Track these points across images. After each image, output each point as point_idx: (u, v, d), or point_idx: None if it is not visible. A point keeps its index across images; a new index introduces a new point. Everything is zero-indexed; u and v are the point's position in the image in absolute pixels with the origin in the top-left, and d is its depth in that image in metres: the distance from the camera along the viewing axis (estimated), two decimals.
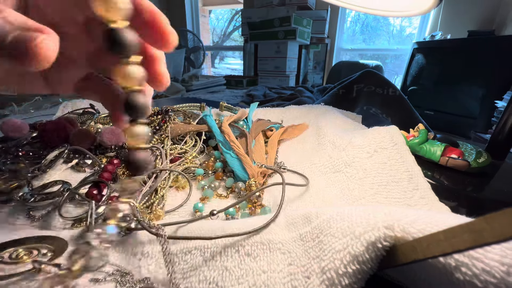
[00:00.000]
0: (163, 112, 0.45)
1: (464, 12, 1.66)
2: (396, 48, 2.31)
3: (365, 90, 0.66)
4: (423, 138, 0.40)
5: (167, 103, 0.67)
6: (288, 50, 1.72)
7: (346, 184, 0.32)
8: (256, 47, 1.86)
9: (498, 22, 1.53)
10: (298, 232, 0.20)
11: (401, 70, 1.75)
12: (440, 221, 0.14)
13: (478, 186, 0.35)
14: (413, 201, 0.28)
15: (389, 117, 0.62)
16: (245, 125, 0.48)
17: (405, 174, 0.30)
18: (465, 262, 0.12)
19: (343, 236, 0.16)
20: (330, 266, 0.16)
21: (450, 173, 0.37)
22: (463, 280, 0.12)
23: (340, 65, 1.88)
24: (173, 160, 0.37)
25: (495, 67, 1.08)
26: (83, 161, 0.37)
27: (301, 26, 1.69)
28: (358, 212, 0.17)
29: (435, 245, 0.11)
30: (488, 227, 0.09)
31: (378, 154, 0.33)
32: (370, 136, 0.36)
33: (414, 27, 2.20)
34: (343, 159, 0.35)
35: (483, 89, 1.12)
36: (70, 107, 0.54)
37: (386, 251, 0.14)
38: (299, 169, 0.37)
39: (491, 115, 1.05)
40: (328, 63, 2.16)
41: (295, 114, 0.57)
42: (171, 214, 0.29)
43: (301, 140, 0.46)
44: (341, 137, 0.39)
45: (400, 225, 0.14)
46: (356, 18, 2.44)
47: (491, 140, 0.43)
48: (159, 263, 0.21)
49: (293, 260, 0.18)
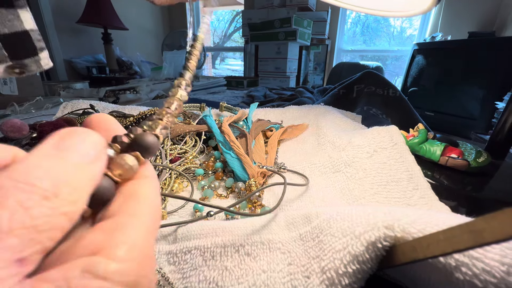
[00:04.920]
0: None
1: (464, 14, 1.67)
2: (397, 49, 2.31)
3: (365, 90, 0.66)
4: (422, 138, 0.40)
5: None
6: (288, 51, 1.72)
7: (346, 184, 0.32)
8: (257, 48, 1.86)
9: (499, 24, 1.53)
10: (298, 232, 0.20)
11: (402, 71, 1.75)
12: (440, 221, 0.14)
13: (477, 186, 0.35)
14: (413, 201, 0.28)
15: (389, 117, 0.62)
16: (245, 126, 0.48)
17: (405, 174, 0.30)
18: (465, 262, 0.12)
19: (343, 235, 0.16)
20: (330, 266, 0.16)
21: (450, 173, 0.37)
22: (463, 280, 0.12)
23: (340, 66, 1.88)
24: (173, 160, 0.37)
25: (496, 68, 1.08)
26: None
27: (302, 27, 1.69)
28: (358, 212, 0.17)
29: (435, 245, 0.11)
30: (488, 226, 0.09)
31: (378, 154, 0.33)
32: (369, 136, 0.36)
33: (415, 28, 2.20)
34: (343, 159, 0.35)
35: (484, 90, 1.12)
36: (70, 108, 0.54)
37: (386, 251, 0.14)
38: (299, 169, 0.37)
39: (491, 116, 1.05)
40: (328, 64, 2.16)
41: (295, 115, 0.57)
42: (172, 215, 0.29)
43: (301, 140, 0.46)
44: (341, 137, 0.39)
45: (400, 225, 0.14)
46: (357, 19, 2.44)
47: (490, 139, 0.43)
48: None
49: (293, 259, 0.18)
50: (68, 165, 0.09)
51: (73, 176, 0.09)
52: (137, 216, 0.10)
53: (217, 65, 3.35)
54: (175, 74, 1.89)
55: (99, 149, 0.10)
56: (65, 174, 0.09)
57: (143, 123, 0.13)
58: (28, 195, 0.08)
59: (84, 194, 0.09)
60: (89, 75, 1.96)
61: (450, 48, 1.29)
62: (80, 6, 1.83)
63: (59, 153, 0.09)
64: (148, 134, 0.12)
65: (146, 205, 0.10)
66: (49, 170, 0.08)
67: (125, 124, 0.45)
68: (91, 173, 0.09)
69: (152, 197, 0.11)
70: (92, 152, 0.10)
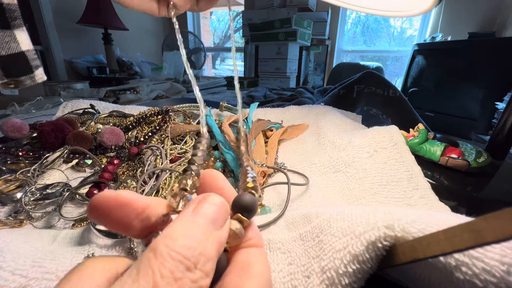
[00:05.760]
0: (163, 112, 0.45)
1: (464, 14, 1.67)
2: (397, 49, 2.31)
3: (365, 91, 0.66)
4: (423, 138, 0.40)
5: (168, 104, 0.68)
6: (288, 51, 1.72)
7: (346, 184, 0.32)
8: (257, 49, 1.86)
9: (499, 24, 1.53)
10: (298, 232, 0.20)
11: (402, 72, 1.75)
12: (440, 220, 0.14)
13: (478, 186, 0.35)
14: (413, 201, 0.28)
15: (389, 117, 0.62)
16: (245, 125, 0.48)
17: (405, 174, 0.30)
18: (465, 261, 0.12)
19: (343, 235, 0.16)
20: (330, 266, 0.16)
21: (450, 173, 0.37)
22: (463, 279, 0.12)
23: (340, 66, 1.88)
24: (173, 160, 0.37)
25: (496, 68, 1.08)
26: (83, 161, 0.37)
27: (302, 27, 1.70)
28: (358, 211, 0.17)
29: (435, 245, 0.11)
30: (488, 226, 0.09)
31: (378, 154, 0.33)
32: (370, 136, 0.36)
33: (415, 29, 2.20)
34: (343, 159, 0.35)
35: (484, 91, 1.12)
36: (70, 108, 0.54)
37: (386, 250, 0.14)
38: (299, 169, 0.37)
39: (491, 117, 1.05)
40: (328, 65, 2.16)
41: (295, 114, 0.57)
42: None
43: (301, 140, 0.46)
44: (341, 137, 0.39)
45: (400, 224, 0.14)
46: (357, 20, 2.45)
47: (490, 140, 0.43)
48: None
49: (293, 259, 0.18)
50: (203, 232, 0.09)
51: (207, 244, 0.09)
52: None
53: (217, 66, 3.35)
54: (175, 74, 1.89)
55: (226, 216, 0.10)
56: (201, 242, 0.08)
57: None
58: (176, 264, 0.08)
59: (214, 265, 0.09)
60: (90, 76, 1.96)
61: (450, 48, 1.29)
62: (80, 7, 1.84)
63: (196, 219, 0.09)
64: (245, 194, 0.12)
65: (260, 283, 0.10)
66: (190, 238, 0.08)
67: (126, 124, 0.45)
68: (219, 241, 0.09)
69: (264, 273, 0.10)
70: (221, 219, 0.10)
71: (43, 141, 0.37)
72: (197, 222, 0.09)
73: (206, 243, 0.09)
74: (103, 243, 0.22)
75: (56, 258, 0.19)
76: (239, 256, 0.11)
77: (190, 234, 0.09)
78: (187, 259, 0.08)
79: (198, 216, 0.09)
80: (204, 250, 0.08)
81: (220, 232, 0.09)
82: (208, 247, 0.09)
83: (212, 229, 0.09)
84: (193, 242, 0.08)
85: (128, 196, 0.10)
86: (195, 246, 0.08)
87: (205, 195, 0.10)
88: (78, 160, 0.37)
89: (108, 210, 0.10)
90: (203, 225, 0.09)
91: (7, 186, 0.29)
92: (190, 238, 0.08)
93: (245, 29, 1.93)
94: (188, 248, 0.08)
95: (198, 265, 0.08)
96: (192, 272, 0.08)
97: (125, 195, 0.10)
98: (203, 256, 0.08)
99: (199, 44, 2.38)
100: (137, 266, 0.08)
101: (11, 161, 0.35)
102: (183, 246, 0.08)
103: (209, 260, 0.08)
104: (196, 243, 0.08)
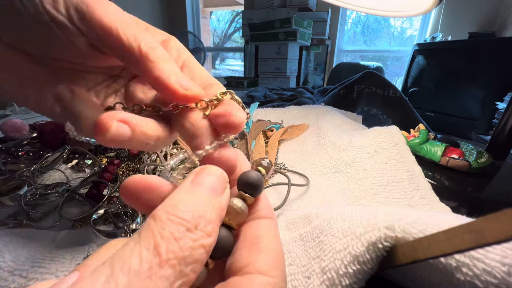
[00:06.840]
0: None
1: (464, 14, 1.66)
2: (397, 49, 2.31)
3: (365, 91, 0.66)
4: (423, 138, 0.40)
5: None
6: (288, 51, 1.72)
7: (347, 184, 0.32)
8: (257, 49, 1.86)
9: (499, 24, 1.53)
10: (298, 232, 0.20)
11: (402, 72, 1.75)
12: (441, 221, 0.14)
13: (478, 186, 0.34)
14: (414, 201, 0.27)
15: (390, 117, 0.62)
16: (245, 126, 0.48)
17: (405, 174, 0.30)
18: (466, 262, 0.12)
19: (343, 236, 0.16)
20: (330, 266, 0.16)
21: (450, 173, 0.36)
22: (464, 280, 0.12)
23: (340, 66, 1.88)
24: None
25: (496, 68, 1.08)
26: (83, 161, 0.37)
27: (302, 27, 1.69)
28: (359, 212, 0.17)
29: (436, 246, 0.11)
30: (489, 227, 0.09)
31: (378, 154, 0.33)
32: (370, 136, 0.36)
33: (415, 28, 2.20)
34: (344, 160, 0.35)
35: (484, 91, 1.11)
36: None
37: (386, 251, 0.14)
38: (299, 169, 0.37)
39: (492, 117, 1.05)
40: (328, 65, 2.16)
41: (295, 115, 0.57)
42: None
43: (301, 141, 0.46)
44: (342, 138, 0.39)
45: (401, 225, 0.14)
46: (357, 20, 2.44)
47: (491, 140, 0.43)
48: None
49: (293, 260, 0.18)
50: (202, 199, 0.09)
51: (206, 209, 0.09)
52: (266, 273, 0.10)
53: (217, 66, 3.35)
54: None
55: (224, 184, 0.11)
56: (201, 207, 0.09)
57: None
58: (176, 226, 0.08)
59: (215, 227, 0.09)
60: None
61: (451, 48, 1.29)
62: None
63: (194, 188, 0.10)
64: (251, 171, 0.12)
65: (271, 256, 0.10)
66: (189, 204, 0.09)
67: None
68: (219, 206, 0.10)
69: (275, 246, 0.11)
70: (219, 187, 0.10)
71: (43, 141, 0.37)
72: (195, 190, 0.10)
73: (206, 207, 0.09)
74: (103, 243, 0.22)
75: (56, 258, 0.19)
76: (249, 230, 0.11)
77: (189, 200, 0.09)
78: (187, 222, 0.08)
79: (197, 185, 0.10)
80: (204, 213, 0.09)
81: (220, 198, 0.10)
82: (207, 211, 0.09)
83: (211, 196, 0.10)
84: (191, 207, 0.09)
85: (155, 181, 0.11)
86: (194, 210, 0.09)
87: (203, 167, 0.11)
88: (78, 160, 0.37)
89: (138, 192, 0.11)
90: (202, 192, 0.10)
91: (7, 186, 0.29)
92: (188, 204, 0.09)
93: (245, 29, 1.93)
94: (186, 212, 0.09)
95: (199, 226, 0.09)
96: (192, 232, 0.08)
97: (153, 180, 0.11)
98: (203, 219, 0.09)
99: (198, 44, 2.38)
100: (139, 231, 0.08)
101: (11, 161, 0.35)
102: (182, 210, 0.09)
103: (210, 222, 0.09)
104: (195, 207, 0.09)
